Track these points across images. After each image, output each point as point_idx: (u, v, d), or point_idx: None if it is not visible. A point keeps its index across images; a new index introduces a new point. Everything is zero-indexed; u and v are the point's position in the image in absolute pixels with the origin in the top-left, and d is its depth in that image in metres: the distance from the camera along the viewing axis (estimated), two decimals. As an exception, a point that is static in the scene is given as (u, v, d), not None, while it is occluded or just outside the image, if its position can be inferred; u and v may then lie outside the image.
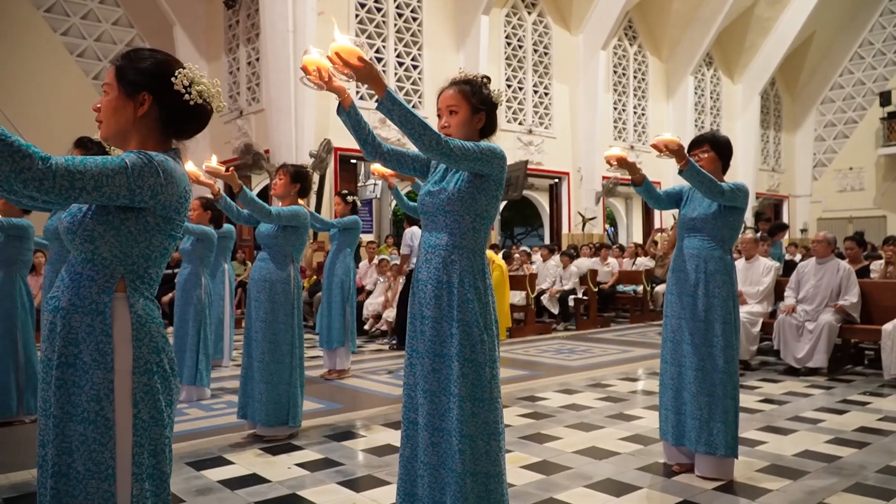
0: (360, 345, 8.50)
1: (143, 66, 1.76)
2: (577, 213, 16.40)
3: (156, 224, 1.72)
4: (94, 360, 1.66)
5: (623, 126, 18.03)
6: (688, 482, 3.41)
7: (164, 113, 1.78)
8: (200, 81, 1.78)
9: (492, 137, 2.55)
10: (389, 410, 4.97)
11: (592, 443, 4.10)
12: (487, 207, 2.41)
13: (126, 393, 1.67)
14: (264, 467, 3.70)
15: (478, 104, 2.45)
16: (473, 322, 2.34)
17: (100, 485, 1.64)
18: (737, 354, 3.52)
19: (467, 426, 2.29)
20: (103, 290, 1.69)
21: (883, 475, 3.47)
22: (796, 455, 3.83)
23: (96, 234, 1.68)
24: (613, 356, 7.60)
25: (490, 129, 2.53)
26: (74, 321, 1.68)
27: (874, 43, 22.17)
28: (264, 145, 12.26)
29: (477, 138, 2.48)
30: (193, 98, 1.76)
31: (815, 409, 4.94)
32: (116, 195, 1.61)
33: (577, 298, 10.56)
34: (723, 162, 3.64)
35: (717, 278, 3.49)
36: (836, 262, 6.59)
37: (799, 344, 6.38)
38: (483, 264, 2.41)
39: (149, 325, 1.72)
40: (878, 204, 21.92)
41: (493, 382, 2.37)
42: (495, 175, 2.38)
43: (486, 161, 2.32)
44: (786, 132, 23.39)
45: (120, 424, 1.66)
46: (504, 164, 2.41)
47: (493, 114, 2.51)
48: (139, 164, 1.64)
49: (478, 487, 2.30)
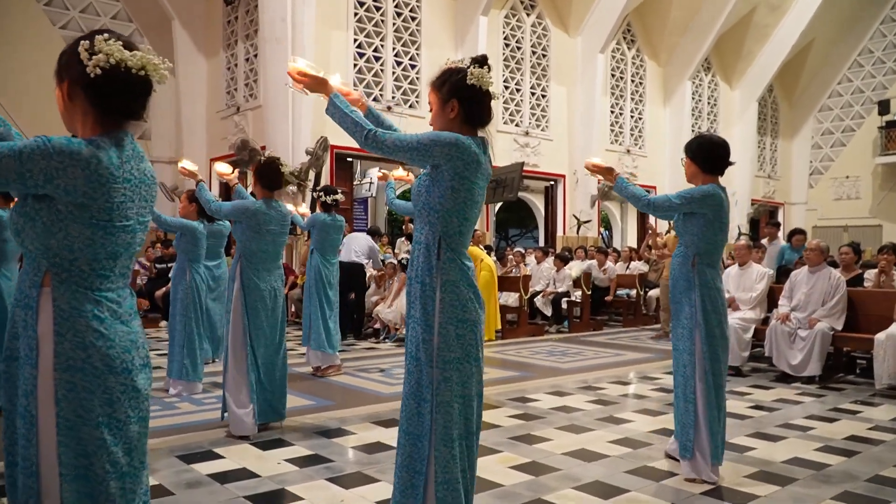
0: (352, 342, 8.50)
1: (62, 53, 1.72)
2: (572, 216, 16.41)
3: (68, 212, 1.63)
4: (26, 356, 1.65)
5: (620, 130, 18.04)
6: (677, 486, 3.40)
7: (88, 93, 1.70)
8: (112, 50, 1.66)
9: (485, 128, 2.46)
10: (380, 409, 4.96)
11: (582, 445, 4.10)
12: (441, 200, 2.33)
13: (48, 390, 1.63)
14: (254, 462, 3.69)
15: (446, 94, 2.39)
16: (420, 319, 2.36)
17: (26, 480, 1.64)
18: (716, 365, 3.50)
19: (405, 422, 2.40)
20: (33, 283, 1.67)
21: (872, 484, 3.47)
22: (785, 462, 3.83)
23: (20, 227, 1.66)
24: (605, 359, 7.60)
25: (475, 117, 2.42)
26: (17, 315, 1.69)
27: (874, 51, 22.18)
28: (260, 142, 12.23)
29: (457, 128, 2.38)
30: (91, 70, 1.65)
31: (805, 417, 4.95)
32: (7, 179, 1.57)
33: (571, 301, 10.57)
34: (700, 165, 3.59)
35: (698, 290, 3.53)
36: (828, 270, 6.59)
37: (792, 351, 6.39)
38: (430, 261, 2.36)
39: (75, 320, 1.65)
40: (874, 213, 21.94)
41: (441, 385, 2.35)
42: (448, 166, 2.30)
43: (425, 150, 2.29)
44: (783, 139, 23.42)
45: (43, 422, 1.63)
46: (458, 153, 2.29)
47: (472, 100, 2.39)
48: (31, 147, 1.58)
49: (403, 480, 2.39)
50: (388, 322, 8.86)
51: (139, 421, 1.75)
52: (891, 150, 21.10)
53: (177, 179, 13.82)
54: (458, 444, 2.37)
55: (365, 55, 12.98)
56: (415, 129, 2.83)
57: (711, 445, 3.44)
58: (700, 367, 3.48)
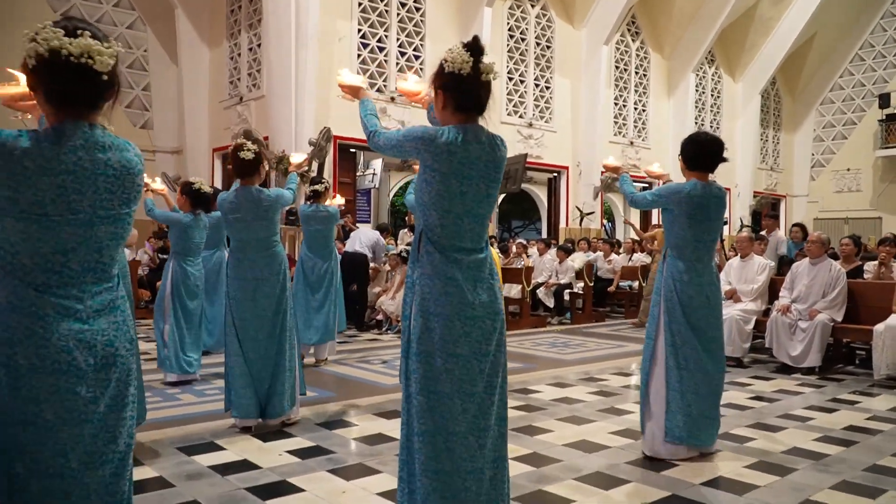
0: (354, 333, 8.53)
1: None
2: (574, 208, 16.41)
3: (1, 206, 1.60)
4: None
5: (623, 122, 18.01)
6: (677, 477, 3.44)
7: (31, 83, 1.71)
8: (49, 37, 1.63)
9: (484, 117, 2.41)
10: (382, 400, 5.00)
11: (583, 436, 4.14)
12: (419, 194, 2.35)
13: None
14: (255, 454, 3.72)
15: (435, 87, 2.39)
16: (416, 313, 2.35)
17: None
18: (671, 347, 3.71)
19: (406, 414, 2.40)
20: None
21: (870, 473, 3.51)
22: (784, 452, 3.86)
23: None
24: (607, 350, 7.64)
25: (461, 105, 2.35)
26: None
27: (874, 45, 22.15)
28: (264, 132, 12.23)
29: (451, 118, 2.37)
30: (27, 59, 1.65)
31: (805, 408, 4.98)
32: None
33: (573, 292, 10.59)
34: (684, 161, 3.84)
35: (656, 278, 3.91)
36: (828, 262, 6.62)
37: (792, 342, 6.42)
38: (413, 254, 2.40)
39: (7, 315, 1.62)
40: (875, 205, 21.95)
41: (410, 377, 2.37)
42: (427, 158, 2.30)
43: (401, 146, 2.37)
44: (785, 132, 23.39)
45: None
46: (424, 146, 2.29)
47: (456, 88, 2.32)
48: None
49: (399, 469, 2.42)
50: (390, 314, 8.89)
51: (78, 424, 1.68)
52: (891, 143, 21.07)
53: (179, 169, 13.84)
54: (434, 439, 2.30)
55: (369, 45, 12.95)
56: (419, 121, 2.85)
57: (668, 424, 3.66)
58: (659, 351, 3.72)
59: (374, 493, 3.16)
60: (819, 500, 3.13)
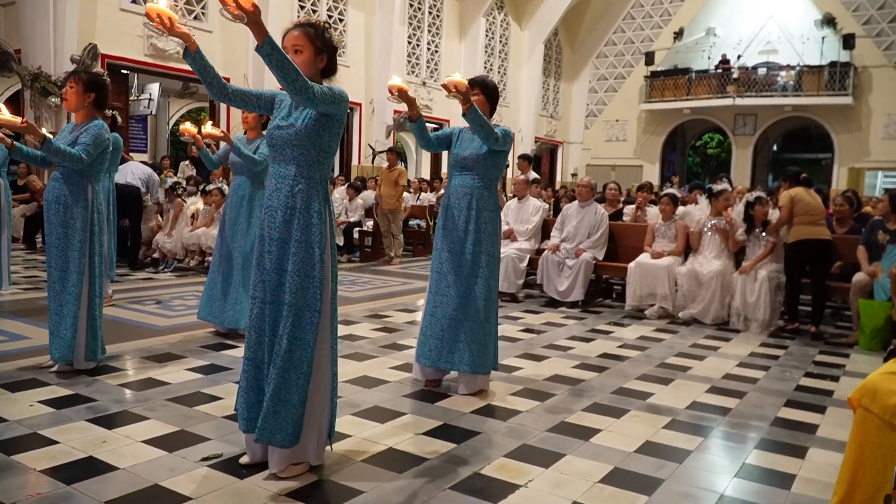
0: (126, 272, 7.92)
1: None
2: (367, 146, 16.36)
3: None
4: None
5: (417, 61, 18.11)
6: (449, 406, 3.61)
7: None
8: None
9: (332, 79, 2.78)
10: (155, 342, 4.70)
11: (364, 372, 4.19)
12: (330, 143, 2.71)
13: None
14: (1, 405, 3.33)
15: (321, 46, 2.69)
16: (315, 243, 2.62)
17: None
18: (497, 284, 3.86)
19: (298, 331, 2.62)
20: None
21: (617, 395, 3.92)
22: (547, 379, 4.21)
23: None
24: (394, 288, 7.79)
25: (331, 71, 2.78)
26: None
27: (644, 5, 24.20)
28: (15, 45, 10.69)
29: (318, 78, 2.72)
30: None
31: (567, 338, 5.45)
32: None
33: (363, 231, 10.62)
34: (490, 105, 3.89)
35: (484, 215, 3.77)
36: (594, 206, 7.22)
37: (560, 279, 6.96)
38: (326, 192, 2.70)
39: None
40: (637, 154, 24.37)
41: (333, 297, 2.72)
42: (340, 115, 2.69)
43: (337, 104, 2.63)
44: (564, 81, 24.99)
45: None
46: (347, 106, 2.72)
47: (334, 56, 2.77)
48: None
49: (289, 380, 2.61)
50: (167, 251, 8.34)
51: None
52: (654, 98, 23.38)
53: None
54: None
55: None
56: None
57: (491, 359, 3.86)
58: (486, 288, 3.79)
59: (140, 441, 2.96)
60: (571, 422, 3.45)
